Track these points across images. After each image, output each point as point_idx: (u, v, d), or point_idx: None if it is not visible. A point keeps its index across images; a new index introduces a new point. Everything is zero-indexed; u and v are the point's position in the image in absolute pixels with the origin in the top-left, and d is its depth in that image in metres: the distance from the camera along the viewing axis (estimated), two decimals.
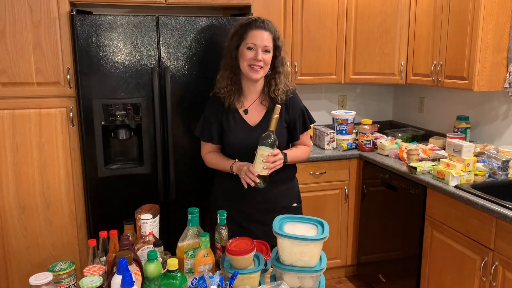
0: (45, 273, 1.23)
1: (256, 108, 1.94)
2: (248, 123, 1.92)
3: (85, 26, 2.25)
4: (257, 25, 1.84)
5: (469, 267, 2.18)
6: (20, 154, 2.37)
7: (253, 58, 1.82)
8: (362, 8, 3.08)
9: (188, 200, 2.52)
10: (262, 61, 1.83)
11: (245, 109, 1.93)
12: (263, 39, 1.82)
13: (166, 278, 1.27)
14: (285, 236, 1.35)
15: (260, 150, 1.73)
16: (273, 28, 1.88)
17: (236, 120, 1.92)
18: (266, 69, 1.87)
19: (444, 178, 2.33)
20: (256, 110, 1.94)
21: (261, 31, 1.83)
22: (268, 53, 1.84)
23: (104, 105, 2.33)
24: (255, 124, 1.92)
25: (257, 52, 1.82)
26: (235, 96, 1.91)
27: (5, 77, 2.29)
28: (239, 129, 1.91)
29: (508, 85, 2.51)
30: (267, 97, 1.92)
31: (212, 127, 1.96)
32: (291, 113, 1.96)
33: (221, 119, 1.94)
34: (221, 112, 1.94)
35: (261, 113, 1.93)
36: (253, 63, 1.83)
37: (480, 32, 2.42)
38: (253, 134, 1.86)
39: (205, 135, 1.99)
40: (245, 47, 1.83)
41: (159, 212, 1.61)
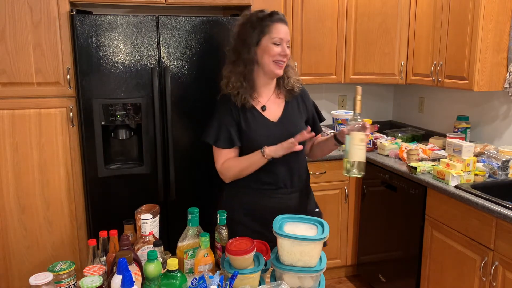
0: (45, 273, 1.23)
1: (274, 103, 1.85)
2: (269, 119, 1.81)
3: (85, 26, 2.25)
4: (279, 18, 1.77)
5: (469, 267, 2.18)
6: (20, 154, 2.37)
7: (280, 54, 1.75)
8: (362, 8, 3.08)
9: (188, 200, 2.53)
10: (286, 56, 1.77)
11: (263, 105, 1.83)
12: (286, 33, 1.76)
13: (166, 278, 1.27)
14: (285, 236, 1.35)
15: (357, 135, 1.61)
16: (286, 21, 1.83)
17: (256, 118, 1.80)
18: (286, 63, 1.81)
19: (444, 178, 2.33)
20: (274, 105, 1.85)
21: (283, 25, 1.77)
22: (289, 48, 1.79)
23: (104, 105, 2.33)
24: (276, 119, 1.82)
25: (283, 47, 1.75)
26: (249, 93, 1.80)
27: (5, 77, 2.28)
28: (261, 126, 1.80)
29: (508, 85, 2.51)
30: (283, 90, 1.86)
31: (230, 131, 1.80)
32: (308, 106, 1.91)
33: (238, 119, 1.80)
34: (237, 113, 1.80)
35: (280, 107, 1.85)
36: (279, 59, 1.76)
37: (480, 32, 2.42)
38: (276, 130, 1.79)
39: (222, 140, 1.81)
40: (271, 41, 1.74)
41: (159, 212, 1.61)
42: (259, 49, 1.76)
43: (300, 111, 1.88)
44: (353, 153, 1.64)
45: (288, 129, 1.80)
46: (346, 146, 1.68)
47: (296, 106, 1.88)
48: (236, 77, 1.79)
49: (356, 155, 1.63)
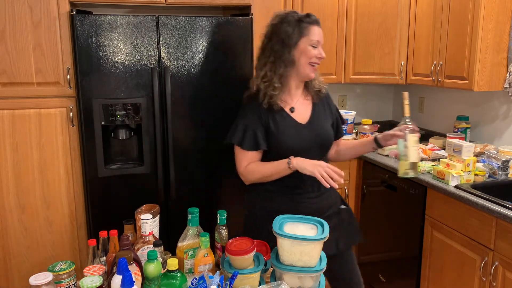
0: (45, 273, 1.23)
1: (302, 104, 1.83)
2: (298, 121, 1.79)
3: (85, 26, 2.26)
4: (316, 20, 1.76)
5: (469, 267, 2.18)
6: (20, 154, 2.37)
7: (317, 56, 1.75)
8: (362, 8, 3.08)
9: (188, 200, 2.53)
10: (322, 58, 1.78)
11: (292, 107, 1.80)
12: (322, 36, 1.77)
13: (166, 278, 1.27)
14: (285, 236, 1.35)
15: (413, 137, 1.70)
16: None
17: (286, 120, 1.77)
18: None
19: (444, 178, 2.33)
20: (302, 106, 1.83)
21: (319, 27, 1.76)
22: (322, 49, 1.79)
23: (104, 105, 2.33)
24: (305, 121, 1.80)
25: (320, 49, 1.75)
26: (282, 95, 1.78)
27: (5, 77, 2.28)
28: (290, 128, 1.77)
29: (508, 85, 2.51)
30: (311, 91, 1.85)
31: (257, 133, 1.77)
32: (332, 109, 1.91)
33: (266, 121, 1.76)
34: (265, 115, 1.77)
35: (308, 109, 1.83)
36: (315, 61, 1.76)
37: (480, 32, 2.42)
38: (305, 132, 1.78)
39: (247, 142, 1.78)
40: (309, 43, 1.73)
41: (159, 212, 1.61)
42: (297, 51, 1.74)
43: (326, 113, 1.87)
44: (411, 155, 1.71)
45: (317, 132, 1.79)
46: (401, 149, 1.74)
47: (323, 109, 1.87)
48: (277, 78, 1.75)
49: (414, 157, 1.72)
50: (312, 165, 1.66)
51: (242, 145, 1.79)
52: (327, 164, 1.66)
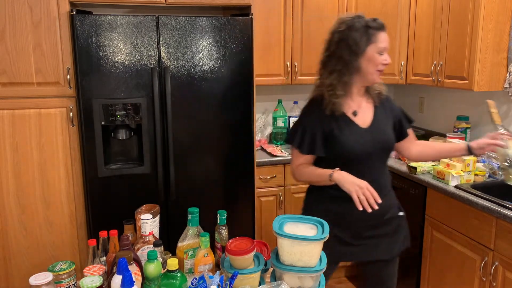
0: (45, 273, 1.23)
1: (365, 108, 1.81)
2: (360, 126, 1.77)
3: (85, 26, 2.26)
4: (383, 26, 1.72)
5: (469, 267, 2.18)
6: (20, 154, 2.37)
7: (383, 63, 1.71)
8: (362, 8, 3.08)
9: (188, 200, 2.53)
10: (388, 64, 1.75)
11: (354, 111, 1.78)
12: (388, 41, 1.73)
13: (166, 278, 1.27)
14: (285, 236, 1.35)
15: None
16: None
17: (348, 124, 1.76)
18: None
19: (444, 178, 2.33)
20: (364, 110, 1.81)
21: (385, 33, 1.73)
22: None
23: (104, 105, 2.33)
24: (367, 125, 1.78)
25: (386, 55, 1.72)
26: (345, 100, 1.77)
27: (5, 77, 2.28)
28: (352, 133, 1.75)
29: (508, 85, 2.51)
30: (372, 94, 1.83)
31: (316, 138, 1.77)
32: (394, 110, 1.88)
33: (328, 126, 1.76)
34: (327, 119, 1.76)
35: (370, 112, 1.81)
36: (382, 68, 1.73)
37: (480, 32, 2.42)
38: (367, 136, 1.76)
39: (305, 146, 1.79)
40: (376, 51, 1.70)
41: (159, 212, 1.61)
42: (364, 58, 1.71)
43: (387, 116, 1.84)
44: None
45: (378, 136, 1.78)
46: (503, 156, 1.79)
47: (384, 112, 1.84)
48: (341, 86, 1.74)
49: None
50: (351, 183, 1.65)
51: (299, 147, 1.81)
52: (367, 185, 1.64)
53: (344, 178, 1.68)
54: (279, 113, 3.28)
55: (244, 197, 2.67)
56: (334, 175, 1.70)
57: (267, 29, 2.93)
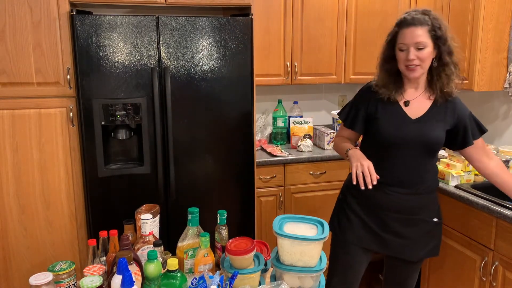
0: (45, 273, 1.23)
1: (420, 101, 1.81)
2: (408, 116, 1.80)
3: (85, 26, 2.26)
4: (407, 23, 1.74)
5: (469, 267, 2.18)
6: (20, 154, 2.37)
7: (406, 59, 1.73)
8: (362, 8, 3.08)
9: (188, 200, 2.53)
10: (417, 59, 1.72)
11: (406, 101, 1.82)
12: (413, 37, 1.71)
13: (166, 278, 1.27)
14: (285, 236, 1.35)
15: None
16: (428, 20, 1.73)
17: (394, 111, 1.81)
18: (424, 65, 1.74)
19: (444, 178, 2.33)
20: (419, 103, 1.81)
21: (411, 29, 1.72)
22: (422, 50, 1.71)
23: (104, 105, 2.33)
24: (416, 117, 1.79)
25: (408, 51, 1.72)
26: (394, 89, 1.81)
27: (5, 77, 2.28)
28: (395, 119, 1.80)
29: (508, 85, 2.51)
30: (435, 90, 1.79)
31: (358, 114, 1.89)
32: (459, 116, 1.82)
33: (372, 108, 1.85)
34: (376, 101, 1.84)
35: (425, 106, 1.81)
36: (407, 64, 1.74)
37: (480, 32, 2.42)
38: (412, 127, 1.77)
39: (348, 120, 1.94)
40: (398, 48, 1.76)
41: (159, 212, 1.61)
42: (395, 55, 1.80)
43: (446, 118, 1.80)
44: None
45: (423, 130, 1.77)
46: None
47: (444, 112, 1.81)
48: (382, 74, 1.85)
49: None
50: (356, 159, 1.74)
51: (344, 120, 1.97)
52: (369, 165, 1.70)
53: (354, 154, 1.79)
54: (279, 113, 3.28)
55: (244, 197, 2.67)
56: (350, 151, 1.81)
57: (267, 29, 2.93)
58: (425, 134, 1.77)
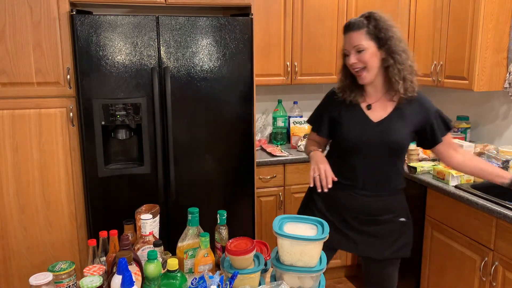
0: (45, 273, 1.23)
1: (382, 103, 1.81)
2: (370, 119, 1.80)
3: (85, 26, 2.26)
4: (346, 29, 1.77)
5: (469, 267, 2.18)
6: (20, 154, 2.37)
7: (348, 64, 1.76)
8: (362, 8, 3.08)
9: (188, 200, 2.53)
10: (358, 62, 1.73)
11: (369, 104, 1.82)
12: (351, 41, 1.73)
13: (166, 278, 1.27)
14: (285, 236, 1.35)
15: None
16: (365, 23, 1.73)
17: (357, 115, 1.82)
18: (370, 67, 1.73)
19: (444, 178, 2.33)
20: (381, 105, 1.81)
21: (349, 34, 1.74)
22: (362, 52, 1.71)
23: (104, 105, 2.33)
24: (378, 120, 1.79)
25: (349, 56, 1.75)
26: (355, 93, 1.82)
27: (5, 77, 2.28)
28: (358, 123, 1.81)
29: (508, 85, 2.51)
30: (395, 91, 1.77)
31: (323, 118, 1.92)
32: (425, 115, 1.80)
33: (335, 112, 1.87)
34: (337, 106, 1.86)
35: (387, 109, 1.80)
36: (351, 68, 1.76)
37: (480, 32, 2.42)
38: (374, 130, 1.78)
39: (315, 125, 1.98)
40: (344, 55, 1.79)
41: (159, 212, 1.61)
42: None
43: (410, 118, 1.79)
44: None
45: (386, 133, 1.77)
46: None
47: (408, 113, 1.79)
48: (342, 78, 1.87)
49: None
50: (315, 162, 1.80)
51: (311, 124, 2.01)
52: (326, 168, 1.75)
53: (314, 156, 1.85)
54: (279, 113, 3.28)
55: (244, 197, 2.67)
56: (311, 153, 1.88)
57: (267, 29, 2.93)
58: (387, 137, 1.76)
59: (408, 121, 1.78)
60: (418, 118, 1.80)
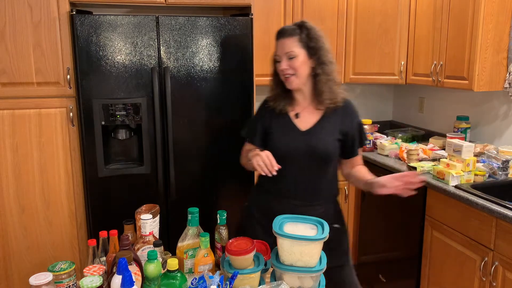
0: (45, 273, 1.23)
1: (309, 112, 1.83)
2: (298, 127, 1.82)
3: (85, 26, 2.26)
4: (279, 36, 1.78)
5: (469, 267, 2.18)
6: (20, 154, 2.37)
7: (279, 70, 1.77)
8: (362, 8, 3.08)
9: (188, 200, 2.53)
10: (289, 68, 1.75)
11: (297, 113, 1.84)
12: (284, 47, 1.75)
13: (166, 278, 1.27)
14: (285, 236, 1.35)
15: None
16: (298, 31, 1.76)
17: (285, 124, 1.83)
18: (299, 74, 1.76)
19: (444, 178, 2.33)
20: (309, 114, 1.83)
21: (281, 40, 1.76)
22: (293, 59, 1.74)
23: (104, 105, 2.33)
24: (305, 128, 1.81)
25: (282, 62, 1.76)
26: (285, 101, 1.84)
27: (5, 77, 2.29)
28: (286, 132, 1.82)
29: (508, 85, 2.51)
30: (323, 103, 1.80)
31: (256, 128, 1.90)
32: (349, 125, 1.83)
33: (269, 121, 1.87)
34: (271, 115, 1.87)
35: (314, 117, 1.82)
36: (282, 74, 1.77)
37: (480, 32, 2.42)
38: (301, 139, 1.79)
39: (249, 136, 1.95)
40: (275, 60, 1.80)
41: (159, 212, 1.61)
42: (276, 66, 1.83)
43: (336, 127, 1.81)
44: None
45: (313, 141, 1.78)
46: None
47: (334, 121, 1.81)
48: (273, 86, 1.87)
49: None
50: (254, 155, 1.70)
51: (245, 136, 1.98)
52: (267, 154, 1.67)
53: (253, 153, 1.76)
54: None
55: (244, 197, 2.66)
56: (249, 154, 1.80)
57: (267, 29, 2.93)
58: (314, 146, 1.77)
59: (333, 129, 1.81)
60: (342, 126, 1.82)
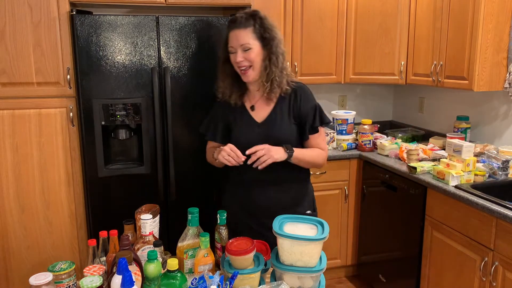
0: (45, 273, 1.23)
1: (264, 103, 1.85)
2: (255, 120, 1.84)
3: (85, 26, 2.26)
4: (232, 26, 1.76)
5: (469, 267, 2.18)
6: (20, 154, 2.37)
7: (235, 62, 1.76)
8: (362, 8, 3.08)
9: (188, 200, 2.53)
10: (245, 60, 1.74)
11: (252, 105, 1.86)
12: (238, 39, 1.73)
13: (166, 278, 1.27)
14: (285, 236, 1.35)
15: None
16: (252, 22, 1.74)
17: (243, 117, 1.85)
18: (255, 66, 1.76)
19: (444, 178, 2.33)
20: (263, 105, 1.85)
21: (236, 30, 1.75)
22: (249, 51, 1.74)
23: (104, 105, 2.33)
24: (262, 120, 1.83)
25: (236, 54, 1.75)
26: (238, 93, 1.85)
27: (5, 77, 2.29)
28: (245, 125, 1.84)
29: (508, 85, 2.51)
30: (275, 92, 1.80)
31: (217, 126, 1.92)
32: (302, 108, 1.83)
33: (228, 117, 1.89)
34: (228, 111, 1.88)
35: (267, 109, 1.84)
36: (238, 66, 1.77)
37: (480, 32, 2.42)
38: (259, 131, 1.81)
39: (209, 133, 1.96)
40: (229, 52, 1.78)
41: (159, 212, 1.61)
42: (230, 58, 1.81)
43: (289, 113, 1.83)
44: None
45: (270, 131, 1.80)
46: None
47: (287, 109, 1.83)
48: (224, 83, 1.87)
49: None
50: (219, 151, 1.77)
51: (206, 133, 1.98)
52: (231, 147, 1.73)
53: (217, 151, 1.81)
54: None
55: None
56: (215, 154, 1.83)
57: None
58: (271, 136, 1.79)
59: (287, 115, 1.83)
60: (295, 110, 1.84)
